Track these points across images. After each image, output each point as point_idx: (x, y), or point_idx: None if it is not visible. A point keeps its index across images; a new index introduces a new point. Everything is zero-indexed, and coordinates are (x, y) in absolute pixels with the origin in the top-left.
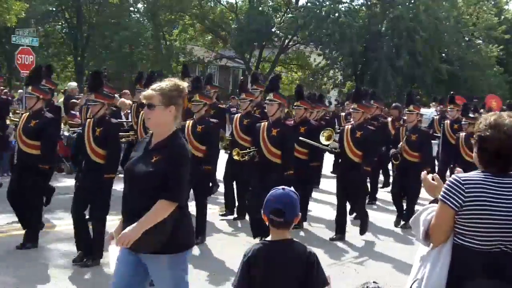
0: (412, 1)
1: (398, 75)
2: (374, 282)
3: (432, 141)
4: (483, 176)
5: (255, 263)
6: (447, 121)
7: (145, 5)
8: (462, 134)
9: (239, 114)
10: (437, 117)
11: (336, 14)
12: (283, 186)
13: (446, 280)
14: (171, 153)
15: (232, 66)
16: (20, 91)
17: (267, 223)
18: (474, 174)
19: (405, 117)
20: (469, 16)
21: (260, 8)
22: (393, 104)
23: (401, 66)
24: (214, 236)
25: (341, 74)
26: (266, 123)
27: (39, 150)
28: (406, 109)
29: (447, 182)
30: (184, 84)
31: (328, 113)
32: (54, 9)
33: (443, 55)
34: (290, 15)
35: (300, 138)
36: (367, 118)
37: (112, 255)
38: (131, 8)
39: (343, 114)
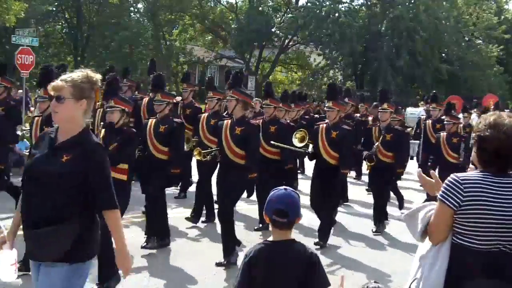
0: (412, 1)
1: (398, 75)
2: (375, 282)
3: (416, 141)
4: (482, 176)
5: (257, 264)
6: (429, 121)
7: (145, 5)
8: (443, 134)
9: (206, 114)
10: (424, 116)
11: (336, 14)
12: (284, 187)
13: (444, 280)
14: (90, 155)
15: (232, 66)
16: (20, 91)
17: (269, 223)
18: (473, 174)
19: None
20: (469, 16)
21: (260, 8)
22: (374, 103)
23: (401, 66)
24: (215, 237)
25: (341, 74)
26: (230, 121)
27: None
28: (380, 108)
29: (445, 181)
30: (97, 76)
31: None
32: (54, 9)
33: (443, 55)
34: (290, 15)
35: (272, 142)
36: (342, 117)
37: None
38: (131, 8)
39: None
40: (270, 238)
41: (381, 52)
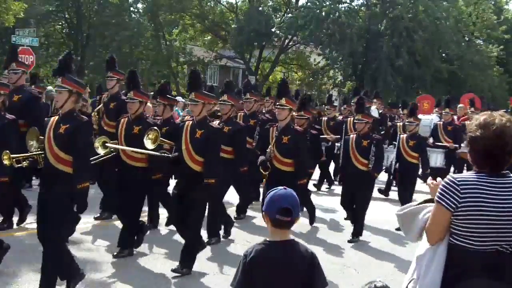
0: (412, 1)
1: (398, 75)
2: (380, 281)
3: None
4: (478, 177)
5: (256, 264)
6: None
7: (145, 5)
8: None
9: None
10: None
11: (336, 14)
12: (283, 186)
13: (441, 280)
14: None
15: (232, 66)
16: None
17: (268, 223)
18: (469, 175)
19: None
20: (469, 16)
21: (260, 8)
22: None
23: (400, 65)
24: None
25: (341, 74)
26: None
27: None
28: (278, 104)
29: (442, 183)
30: None
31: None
32: (54, 9)
33: (443, 55)
34: (290, 15)
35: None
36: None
37: None
38: (132, 8)
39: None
40: (269, 238)
41: (381, 52)
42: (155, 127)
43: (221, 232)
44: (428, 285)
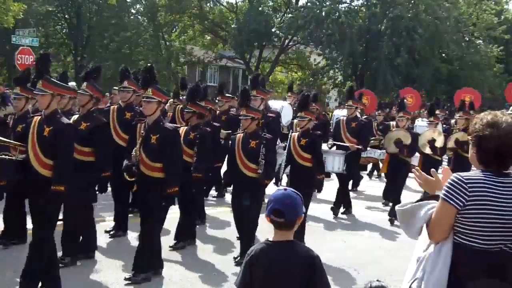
0: (412, 1)
1: (397, 74)
2: (377, 280)
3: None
4: (485, 176)
5: (257, 263)
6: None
7: (145, 6)
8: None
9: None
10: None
11: (336, 14)
12: (285, 187)
13: (447, 279)
14: None
15: (232, 66)
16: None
17: (270, 223)
18: (476, 174)
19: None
20: (469, 16)
21: (260, 8)
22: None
23: (400, 65)
24: (209, 238)
25: (341, 74)
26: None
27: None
28: (144, 96)
29: (448, 180)
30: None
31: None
32: (54, 9)
33: (443, 55)
34: (290, 15)
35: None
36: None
37: None
38: (132, 11)
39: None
40: (271, 238)
41: (381, 51)
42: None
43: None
44: (435, 285)
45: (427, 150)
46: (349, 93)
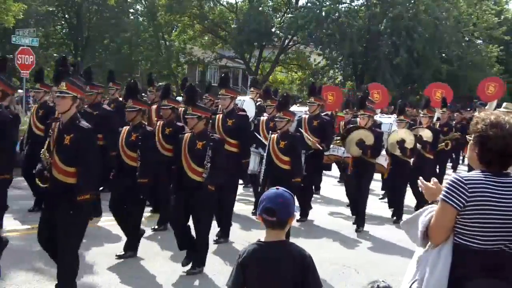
0: (412, 1)
1: (397, 74)
2: (383, 281)
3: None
4: (484, 176)
5: (249, 264)
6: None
7: (145, 6)
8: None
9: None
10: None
11: (336, 14)
12: (277, 187)
13: (447, 280)
14: None
15: (232, 66)
16: (20, 91)
17: (262, 223)
18: (476, 174)
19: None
20: (469, 16)
21: (260, 8)
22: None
23: (399, 64)
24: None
25: (341, 74)
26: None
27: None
28: (57, 91)
29: (448, 182)
30: None
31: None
32: (54, 9)
33: (443, 55)
34: (290, 15)
35: None
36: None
37: None
38: (132, 10)
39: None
40: (263, 239)
41: (381, 51)
42: None
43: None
44: (435, 285)
45: (397, 152)
46: (310, 89)
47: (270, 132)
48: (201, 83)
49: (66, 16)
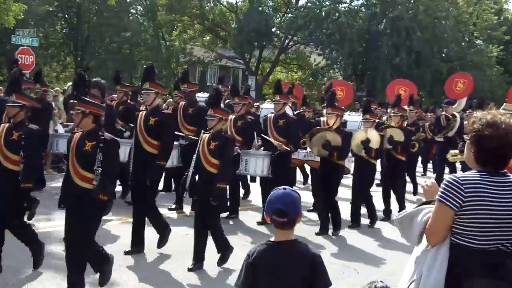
0: (412, 1)
1: (397, 74)
2: (381, 281)
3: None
4: (481, 176)
5: (258, 264)
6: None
7: (145, 6)
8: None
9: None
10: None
11: (336, 14)
12: (284, 186)
13: (444, 280)
14: None
15: (232, 66)
16: None
17: (270, 223)
18: (472, 174)
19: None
20: (469, 16)
21: (260, 8)
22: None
23: (399, 64)
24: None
25: (341, 74)
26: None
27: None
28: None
29: (444, 182)
30: None
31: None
32: (54, 9)
33: (443, 55)
34: (290, 15)
35: None
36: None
37: None
38: (132, 11)
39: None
40: (272, 238)
41: (381, 51)
42: None
43: None
44: (433, 285)
45: (362, 153)
46: (276, 87)
47: (202, 132)
48: (201, 83)
49: (66, 16)
